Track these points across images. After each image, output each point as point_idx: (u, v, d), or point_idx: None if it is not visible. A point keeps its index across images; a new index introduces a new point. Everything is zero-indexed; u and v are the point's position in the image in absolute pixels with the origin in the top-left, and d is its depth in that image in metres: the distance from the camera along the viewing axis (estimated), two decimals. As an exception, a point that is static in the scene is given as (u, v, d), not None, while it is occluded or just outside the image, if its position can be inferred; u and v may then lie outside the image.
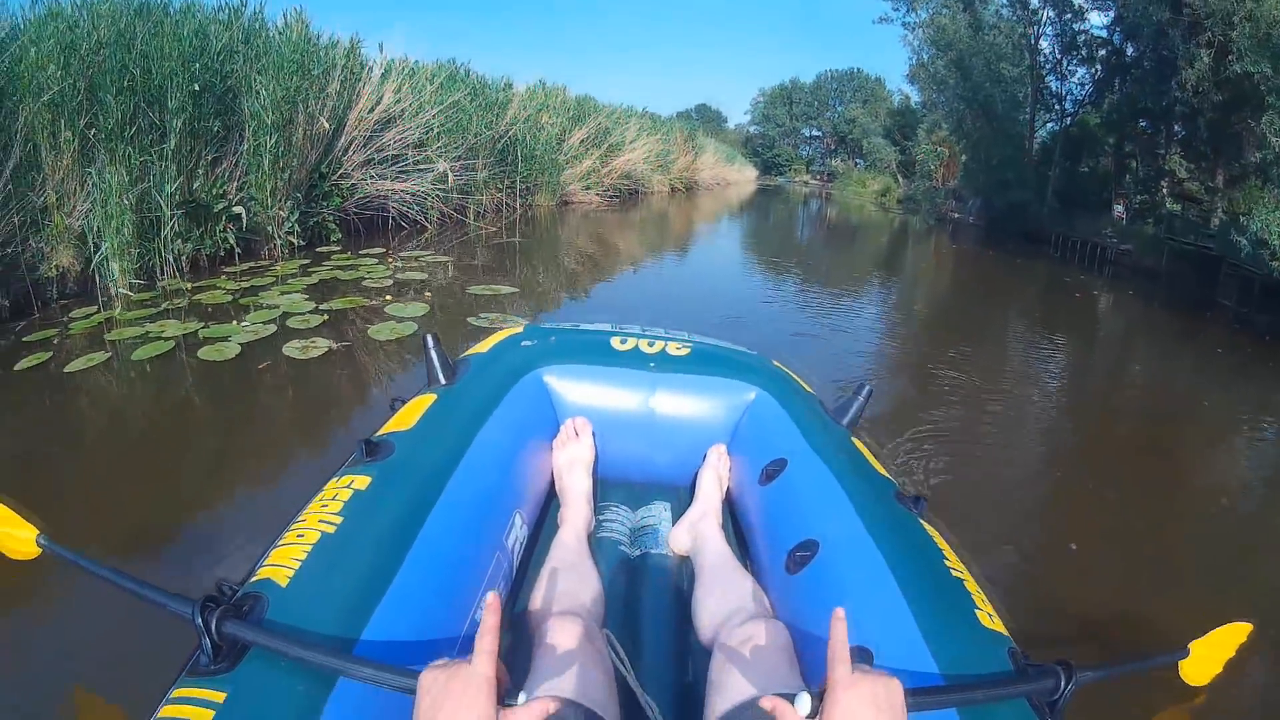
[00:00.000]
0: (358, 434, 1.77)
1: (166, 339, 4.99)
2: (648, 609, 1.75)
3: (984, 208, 26.50)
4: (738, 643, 1.37)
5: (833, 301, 8.85)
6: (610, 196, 17.59)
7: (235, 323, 5.42)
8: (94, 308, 5.55)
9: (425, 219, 10.29)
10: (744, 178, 46.14)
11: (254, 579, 1.24)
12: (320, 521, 1.37)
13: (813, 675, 1.29)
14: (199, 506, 3.14)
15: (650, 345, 2.31)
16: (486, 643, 0.94)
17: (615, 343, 2.31)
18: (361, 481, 1.50)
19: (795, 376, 2.44)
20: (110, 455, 3.71)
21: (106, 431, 4.04)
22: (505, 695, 0.95)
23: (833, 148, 67.82)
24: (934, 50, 26.80)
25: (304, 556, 1.27)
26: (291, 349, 4.98)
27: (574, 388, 2.21)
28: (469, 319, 6.07)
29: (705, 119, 70.44)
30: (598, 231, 13.54)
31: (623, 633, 1.53)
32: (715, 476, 2.11)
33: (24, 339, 4.89)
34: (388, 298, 6.49)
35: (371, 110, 9.35)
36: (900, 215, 32.33)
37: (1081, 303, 11.55)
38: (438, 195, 10.35)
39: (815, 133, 70.86)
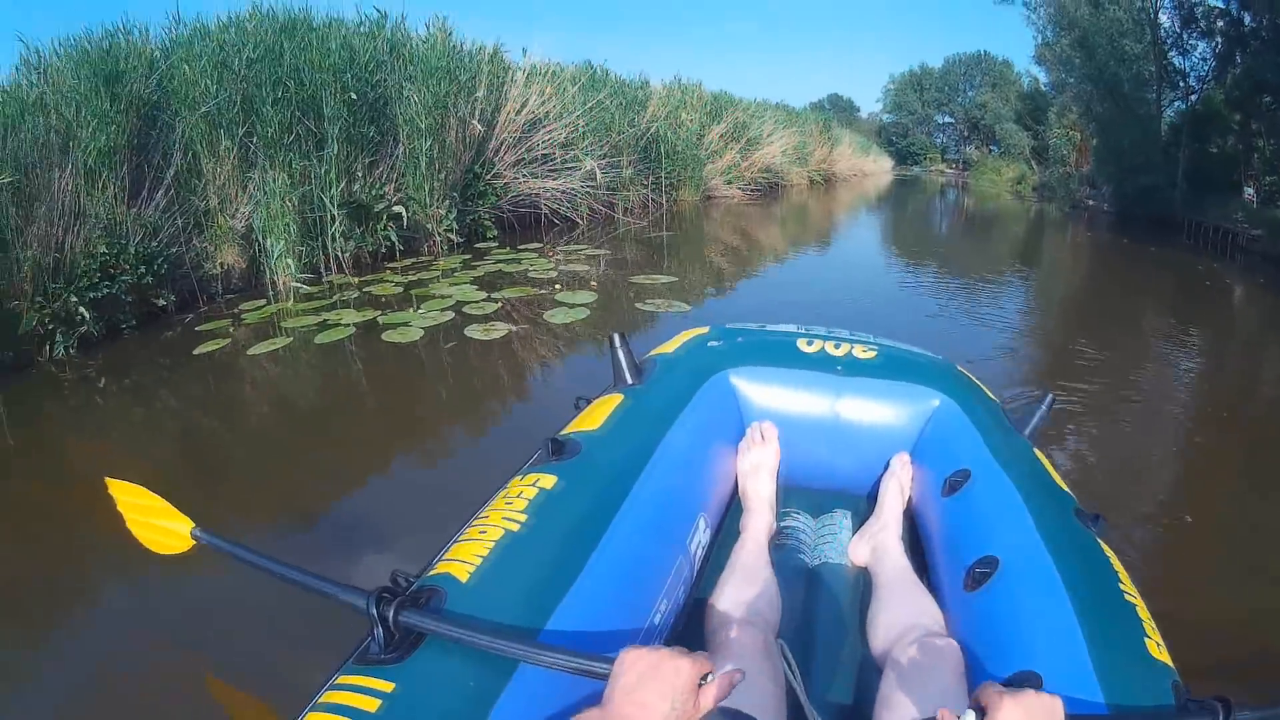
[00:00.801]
0: (540, 416, 2.07)
1: (345, 325, 5.02)
2: (822, 620, 1.63)
3: (1116, 193, 24.16)
4: (911, 661, 1.29)
5: (970, 290, 7.92)
6: (751, 190, 16.74)
7: (412, 310, 5.38)
8: (262, 301, 5.56)
9: (576, 215, 9.89)
10: (880, 168, 43.57)
11: (432, 572, 1.17)
12: (504, 519, 1.29)
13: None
14: (384, 483, 3.08)
15: (837, 347, 2.11)
16: (705, 658, 0.90)
17: (802, 344, 2.12)
18: (548, 481, 1.41)
19: (979, 383, 2.21)
20: (292, 432, 3.70)
21: (292, 409, 4.02)
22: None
23: (966, 135, 62.50)
24: (1057, 30, 24.92)
25: (485, 553, 1.20)
26: (473, 332, 4.96)
27: (761, 390, 2.04)
28: (637, 305, 5.90)
29: (838, 109, 66.34)
30: (741, 225, 12.82)
31: (795, 642, 1.42)
32: (898, 486, 1.92)
33: (196, 329, 4.96)
34: (556, 287, 6.30)
35: (519, 112, 8.99)
36: (1036, 203, 29.89)
37: (1211, 293, 10.09)
38: (587, 193, 9.91)
39: (948, 119, 65.26)
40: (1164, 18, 22.12)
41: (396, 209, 6.91)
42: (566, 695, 1.03)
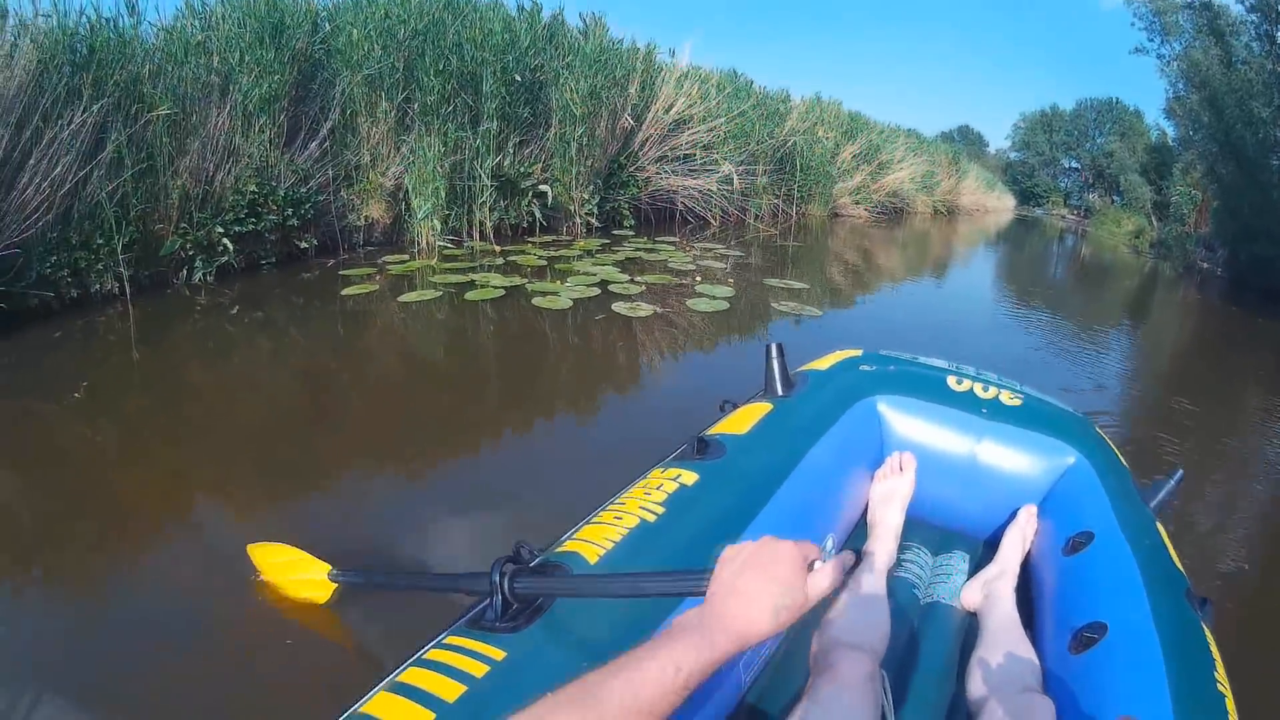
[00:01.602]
0: (678, 407, 2.19)
1: (494, 287, 4.76)
2: (925, 658, 1.47)
3: (1230, 258, 22.07)
4: (1005, 714, 1.18)
5: (1074, 338, 7.09)
6: (877, 212, 15.79)
7: (559, 282, 5.09)
8: (405, 256, 5.36)
9: (709, 216, 9.34)
10: (1002, 205, 41.09)
11: (560, 549, 1.11)
12: (641, 508, 1.23)
13: None
14: (516, 452, 2.84)
15: (985, 390, 1.97)
16: (812, 546, 0.80)
17: (951, 381, 2.00)
18: (689, 477, 1.35)
19: (1113, 446, 2.01)
20: (423, 384, 3.50)
21: (427, 361, 3.82)
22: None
23: (1090, 181, 58.18)
24: (1188, 85, 23.07)
25: (618, 538, 1.13)
26: (619, 308, 4.74)
27: (905, 421, 1.93)
28: (772, 304, 5.58)
29: (967, 141, 63.30)
30: (864, 245, 11.97)
31: (895, 675, 1.34)
32: (1021, 537, 1.76)
33: (340, 273, 4.77)
34: (697, 279, 5.90)
35: (667, 111, 8.51)
36: (1151, 260, 28.13)
37: None
38: (723, 195, 9.36)
39: (1074, 164, 60.78)
40: None
41: (543, 188, 6.56)
42: None
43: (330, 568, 1.58)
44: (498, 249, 5.85)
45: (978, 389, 1.99)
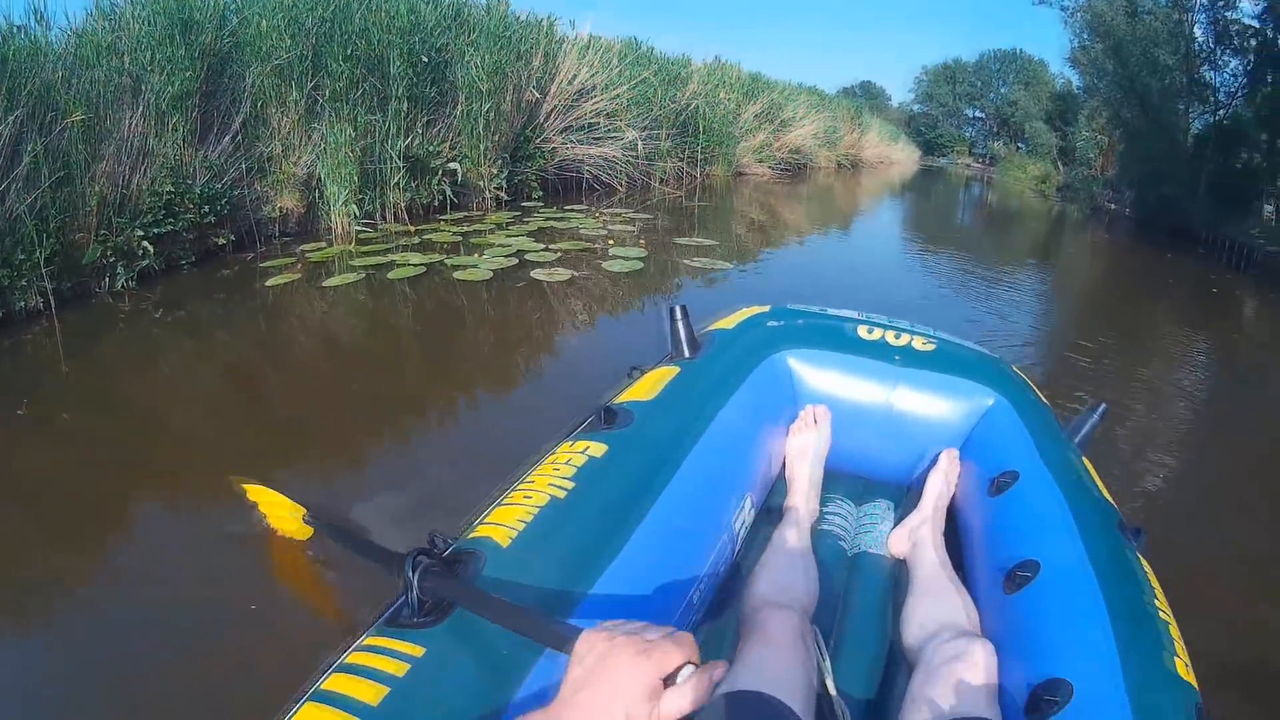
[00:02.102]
0: (595, 370, 2.02)
1: (415, 265, 5.03)
2: (856, 609, 1.54)
3: (1137, 200, 23.45)
4: (944, 660, 1.18)
5: (987, 284, 7.63)
6: (780, 169, 16.30)
7: (476, 255, 5.43)
8: (322, 243, 5.54)
9: (615, 182, 9.66)
10: (906, 157, 42.14)
11: (472, 534, 1.10)
12: (550, 485, 1.22)
13: (1005, 698, 1.15)
14: (435, 431, 3.04)
15: (897, 337, 1.98)
16: (683, 647, 0.69)
17: (862, 331, 2.00)
18: (598, 449, 1.33)
19: (1032, 385, 2.07)
20: (348, 367, 3.67)
21: (352, 345, 4.03)
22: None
23: (994, 130, 59.79)
24: (1092, 35, 24.13)
25: (529, 519, 1.12)
26: (538, 275, 5.08)
27: (816, 374, 1.93)
28: (684, 261, 6.07)
29: (869, 96, 63.52)
30: (768, 202, 12.53)
31: (827, 629, 1.42)
32: (944, 482, 1.80)
33: (261, 265, 4.95)
34: (610, 242, 6.33)
35: (570, 82, 8.77)
36: (1058, 203, 29.12)
37: (1220, 302, 9.78)
38: (628, 161, 9.66)
39: (977, 114, 62.39)
40: (1198, 32, 21.28)
41: (452, 165, 6.79)
42: None
43: (305, 510, 1.73)
44: (412, 229, 6.08)
45: (889, 337, 2.00)
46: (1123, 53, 21.89)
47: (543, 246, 5.86)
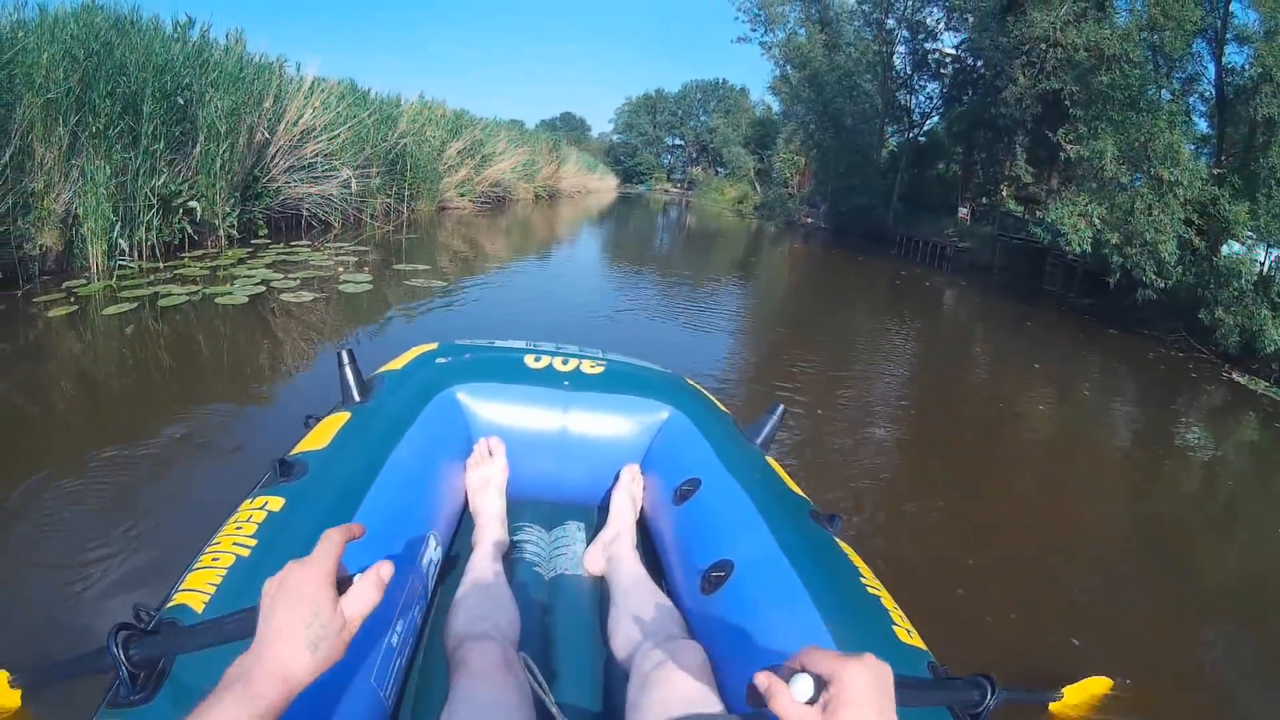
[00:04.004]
0: (339, 347, 1.94)
1: (177, 295, 6.11)
2: (563, 631, 1.67)
3: (831, 212, 28.41)
4: (655, 664, 1.31)
5: (689, 302, 9.95)
6: (481, 203, 18.38)
7: (228, 285, 6.65)
8: (83, 280, 6.29)
9: (332, 219, 11.03)
10: (605, 186, 46.65)
11: (170, 604, 1.16)
12: (234, 544, 1.29)
13: (728, 695, 1.27)
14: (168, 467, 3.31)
15: (564, 363, 2.21)
16: (331, 542, 0.91)
17: (529, 360, 2.21)
18: (275, 503, 1.42)
19: (709, 395, 2.39)
20: (157, 379, 4.57)
21: (145, 360, 4.84)
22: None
23: (694, 156, 67.96)
24: (791, 66, 28.36)
25: (219, 581, 1.19)
26: (286, 297, 6.50)
27: (487, 406, 2.10)
28: (405, 282, 8.01)
29: (570, 127, 70.27)
30: (471, 235, 14.45)
31: (539, 655, 1.51)
32: (629, 497, 2.03)
33: (33, 300, 5.54)
34: (340, 269, 7.95)
35: (295, 124, 10.02)
36: (756, 221, 33.54)
37: (910, 292, 13.25)
38: (343, 198, 11.10)
39: (678, 141, 70.58)
40: (898, 61, 26.87)
41: (192, 204, 7.80)
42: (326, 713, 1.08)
43: (7, 674, 1.50)
44: (163, 265, 7.06)
45: (557, 363, 2.17)
46: (818, 81, 27.01)
47: (283, 276, 7.23)
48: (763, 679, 0.88)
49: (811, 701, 0.84)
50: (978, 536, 3.83)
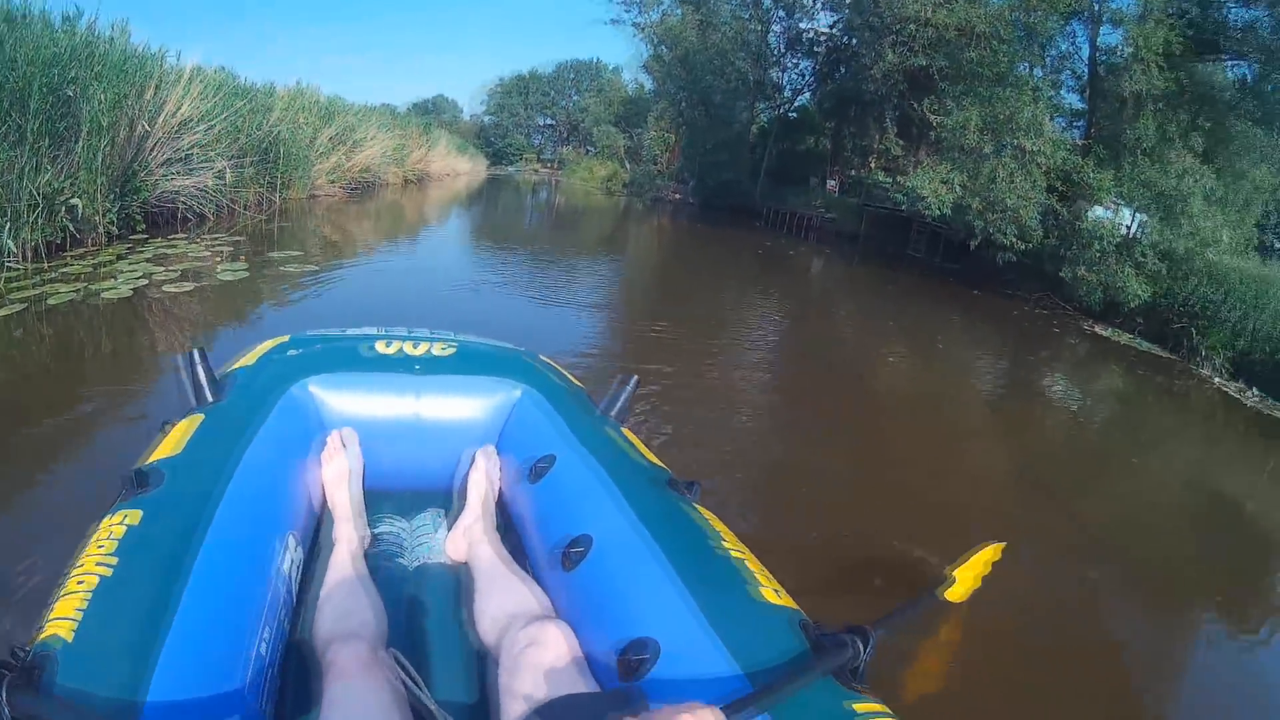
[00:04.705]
0: (231, 337, 2.41)
1: (64, 293, 6.43)
2: (432, 620, 1.69)
3: (699, 187, 29.57)
4: (522, 647, 1.33)
5: (555, 280, 10.68)
6: (351, 189, 18.60)
7: (113, 280, 7.02)
8: None
9: (207, 211, 11.19)
10: (475, 168, 46.75)
11: (42, 635, 1.14)
12: (97, 564, 1.26)
13: (598, 671, 1.32)
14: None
15: (415, 347, 2.21)
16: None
17: (380, 346, 2.21)
18: (134, 516, 1.39)
19: (562, 370, 2.42)
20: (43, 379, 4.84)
21: (33, 365, 5.06)
22: None
23: (565, 136, 69.11)
24: (665, 46, 29.65)
25: (85, 606, 1.17)
26: (169, 288, 7.01)
27: (339, 397, 2.09)
28: (280, 268, 8.55)
29: (441, 110, 69.97)
30: (341, 221, 14.87)
31: (408, 647, 1.51)
32: (485, 478, 2.05)
33: None
34: (217, 260, 8.54)
35: (175, 114, 10.17)
36: (625, 198, 34.69)
37: (774, 262, 14.09)
38: (218, 190, 11.28)
39: (548, 122, 71.56)
40: (773, 39, 28.22)
41: (74, 201, 7.92)
42: None
43: None
44: (47, 265, 7.21)
45: (408, 348, 2.17)
46: (690, 60, 28.12)
47: (164, 269, 7.60)
48: None
49: None
50: (847, 488, 4.19)
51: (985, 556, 2.59)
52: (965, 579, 2.47)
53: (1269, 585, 4.42)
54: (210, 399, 1.91)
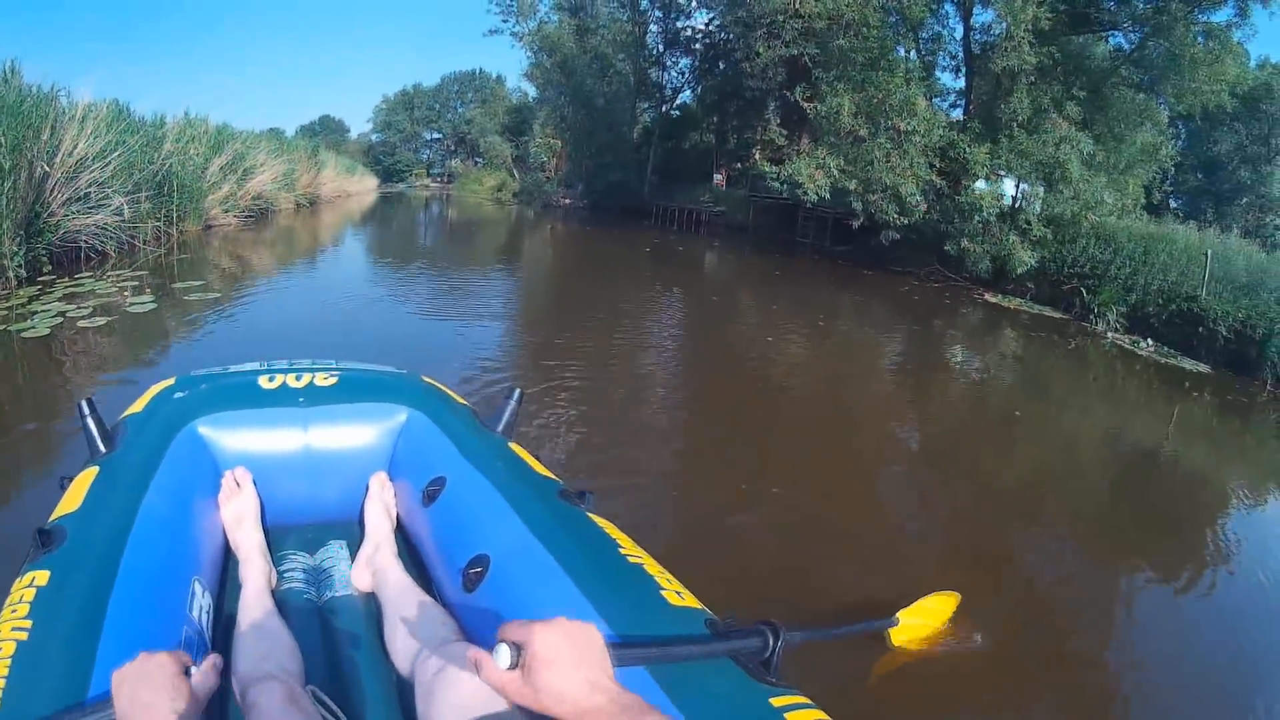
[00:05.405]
0: (145, 364, 2.49)
1: None
2: (346, 654, 1.69)
3: (587, 190, 30.22)
4: (434, 673, 1.35)
5: (447, 295, 10.97)
6: (245, 217, 18.70)
7: (28, 321, 7.27)
8: None
9: (108, 249, 11.35)
10: (365, 187, 46.60)
11: None
12: (13, 630, 1.27)
13: None
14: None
15: (298, 379, 2.22)
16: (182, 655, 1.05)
17: (263, 381, 2.22)
18: (42, 577, 1.40)
19: (447, 390, 2.44)
20: None
21: None
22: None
23: (453, 149, 69.37)
24: (545, 53, 30.41)
25: (6, 672, 1.18)
26: (83, 324, 7.31)
27: (229, 436, 2.10)
28: (185, 297, 8.92)
29: (328, 130, 69.75)
30: (237, 250, 15.08)
31: (327, 682, 1.53)
32: (381, 506, 2.08)
33: None
34: (125, 295, 8.81)
35: (71, 154, 10.35)
36: (515, 207, 35.20)
37: (665, 258, 14.66)
38: (117, 227, 11.42)
39: (436, 135, 71.67)
40: (650, 39, 29.02)
41: None
42: None
43: None
44: None
45: (290, 380, 2.20)
46: (570, 66, 28.84)
47: (75, 306, 7.85)
48: (471, 654, 1.01)
49: (512, 667, 0.95)
50: (753, 477, 4.23)
51: (937, 605, 2.57)
52: (913, 627, 2.49)
53: (1195, 529, 4.72)
54: (104, 450, 1.93)
